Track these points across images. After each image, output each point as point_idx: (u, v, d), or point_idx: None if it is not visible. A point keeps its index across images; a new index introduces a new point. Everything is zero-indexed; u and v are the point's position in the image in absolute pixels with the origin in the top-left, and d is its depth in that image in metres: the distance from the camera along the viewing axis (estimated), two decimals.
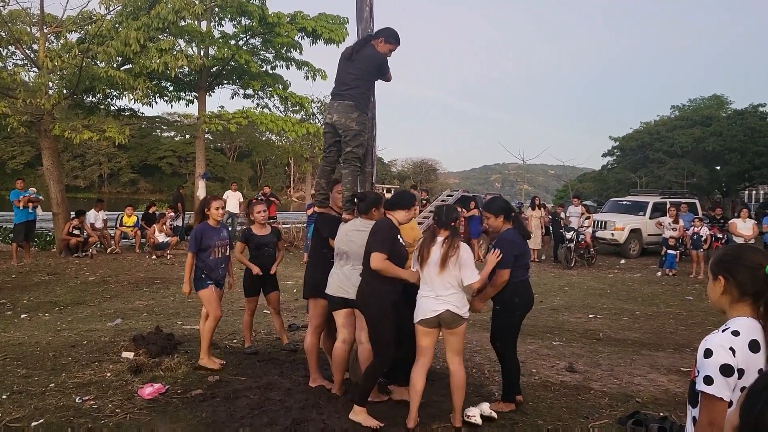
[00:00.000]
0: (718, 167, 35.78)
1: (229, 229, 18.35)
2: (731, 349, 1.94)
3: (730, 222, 14.77)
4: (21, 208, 13.32)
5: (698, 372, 1.98)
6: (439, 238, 4.29)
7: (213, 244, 5.66)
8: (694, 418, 2.03)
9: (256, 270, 6.22)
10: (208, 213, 5.78)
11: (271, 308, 6.53)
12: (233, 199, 18.40)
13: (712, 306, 2.19)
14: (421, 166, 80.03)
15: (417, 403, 4.28)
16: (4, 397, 4.74)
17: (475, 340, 6.90)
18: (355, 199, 4.81)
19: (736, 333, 1.98)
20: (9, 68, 14.34)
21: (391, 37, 5.04)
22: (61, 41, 15.41)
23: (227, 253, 5.83)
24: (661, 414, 4.63)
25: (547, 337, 7.58)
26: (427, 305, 4.22)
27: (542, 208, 17.02)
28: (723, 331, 2.01)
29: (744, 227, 13.65)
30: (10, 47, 14.75)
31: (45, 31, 14.86)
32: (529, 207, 17.17)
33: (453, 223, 4.36)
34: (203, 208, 5.85)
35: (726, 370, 1.91)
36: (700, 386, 1.94)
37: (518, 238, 4.78)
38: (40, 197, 14.34)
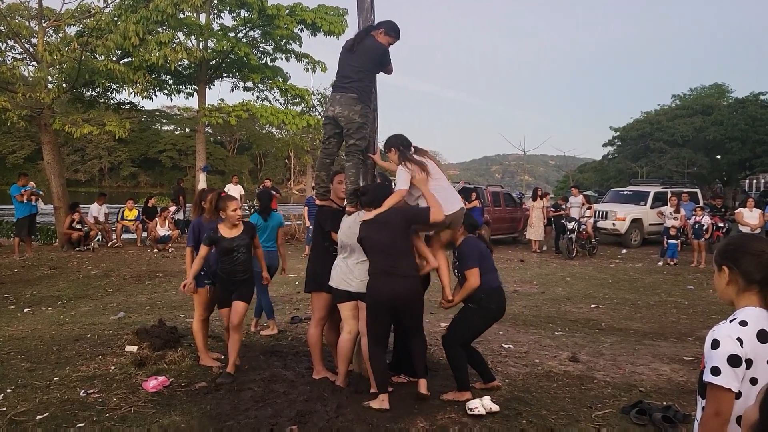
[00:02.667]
0: (719, 156, 35.73)
1: None
2: (739, 339, 1.93)
3: (736, 211, 14.75)
4: (25, 201, 13.31)
5: (706, 363, 1.97)
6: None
7: None
8: (703, 408, 2.02)
9: (189, 282, 5.30)
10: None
11: (232, 321, 5.27)
12: (234, 192, 18.38)
13: (718, 297, 2.18)
14: None
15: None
16: (8, 390, 4.75)
17: None
18: (359, 193, 4.81)
19: (743, 323, 1.97)
20: (8, 62, 14.30)
21: (391, 30, 5.03)
22: (60, 35, 15.38)
23: None
24: (665, 403, 4.64)
25: (549, 328, 7.59)
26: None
27: (544, 198, 17.01)
28: (731, 321, 2.00)
29: (751, 216, 13.63)
30: (9, 41, 14.72)
31: (44, 24, 14.82)
32: (531, 198, 17.14)
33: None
34: (200, 201, 5.59)
35: (734, 360, 1.90)
36: (708, 377, 1.94)
37: (482, 244, 4.86)
38: (41, 192, 14.34)
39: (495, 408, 4.43)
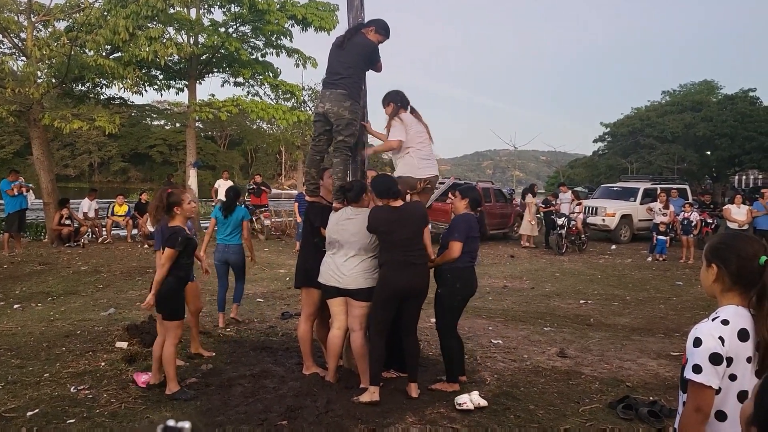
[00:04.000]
0: (709, 152, 35.97)
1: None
2: (720, 338, 1.97)
3: (724, 208, 14.87)
4: (16, 194, 13.23)
5: (687, 359, 2.01)
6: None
7: None
8: (684, 403, 2.07)
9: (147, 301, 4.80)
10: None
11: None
12: (225, 188, 18.32)
13: (703, 291, 2.23)
14: None
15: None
16: None
17: (466, 327, 6.95)
18: (346, 189, 4.84)
19: (725, 322, 2.00)
20: None
21: (381, 29, 5.06)
22: (49, 30, 15.27)
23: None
24: (651, 398, 4.71)
25: (538, 323, 7.65)
26: None
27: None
28: (713, 319, 2.04)
29: (738, 213, 13.75)
30: None
31: (33, 19, 14.72)
32: (530, 194, 17.21)
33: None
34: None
35: (715, 358, 1.94)
36: (689, 374, 1.98)
37: (474, 223, 4.97)
38: (31, 186, 14.27)
39: (483, 403, 4.47)
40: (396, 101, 5.06)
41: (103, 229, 15.52)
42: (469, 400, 4.45)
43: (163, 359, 4.65)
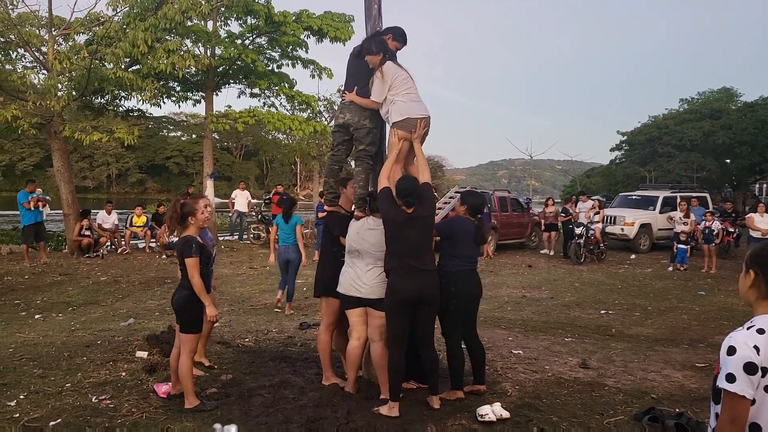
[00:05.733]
0: (729, 160, 35.57)
1: (242, 226, 18.45)
2: (755, 347, 1.91)
3: (747, 216, 14.65)
4: (32, 209, 13.36)
5: (720, 368, 1.96)
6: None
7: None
8: (716, 414, 2.01)
9: (212, 312, 4.68)
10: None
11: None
12: (242, 198, 18.44)
13: (727, 301, 2.19)
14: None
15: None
16: (21, 397, 4.77)
17: (486, 337, 6.88)
18: (367, 198, 4.82)
19: (761, 331, 1.95)
20: (19, 71, 14.43)
21: (399, 36, 5.04)
22: (70, 43, 15.47)
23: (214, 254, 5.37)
24: (677, 410, 4.61)
25: (558, 334, 7.56)
26: None
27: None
28: (747, 328, 1.99)
29: (762, 221, 13.53)
30: (19, 50, 14.85)
31: (54, 33, 14.93)
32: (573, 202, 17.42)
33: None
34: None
35: (749, 368, 1.89)
36: (722, 384, 1.92)
37: (466, 226, 5.01)
38: (48, 197, 14.43)
39: (506, 414, 4.41)
40: (385, 50, 4.82)
41: (122, 239, 15.65)
42: (492, 411, 4.39)
43: (179, 373, 4.61)
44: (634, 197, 19.95)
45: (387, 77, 4.71)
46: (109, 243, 15.30)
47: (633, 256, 16.69)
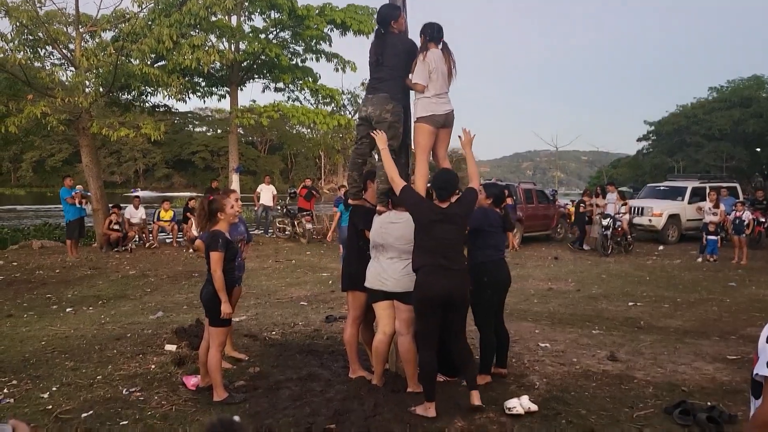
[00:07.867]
0: (759, 149, 34.80)
1: (267, 220, 18.58)
2: None
3: None
4: (76, 204, 13.70)
5: (759, 358, 1.90)
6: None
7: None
8: (758, 407, 1.95)
9: (227, 310, 4.59)
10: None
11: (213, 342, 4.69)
12: (267, 192, 18.54)
13: (759, 292, 2.12)
14: (451, 155, 79.50)
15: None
16: (54, 389, 4.87)
17: (512, 330, 6.83)
18: (390, 193, 4.79)
19: None
20: (47, 68, 14.64)
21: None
22: (96, 40, 15.66)
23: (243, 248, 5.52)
24: (709, 403, 4.53)
25: (586, 326, 7.48)
26: None
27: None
28: None
29: None
30: (47, 47, 15.05)
31: (81, 30, 15.13)
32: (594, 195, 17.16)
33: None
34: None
35: None
36: (763, 371, 1.86)
37: (493, 217, 5.11)
38: (89, 194, 14.75)
39: (534, 407, 4.38)
40: (426, 33, 4.85)
41: (150, 233, 15.85)
42: (519, 404, 4.36)
43: (208, 366, 4.65)
44: (662, 188, 19.65)
45: (429, 61, 4.73)
46: (137, 237, 15.51)
47: (661, 248, 16.44)
